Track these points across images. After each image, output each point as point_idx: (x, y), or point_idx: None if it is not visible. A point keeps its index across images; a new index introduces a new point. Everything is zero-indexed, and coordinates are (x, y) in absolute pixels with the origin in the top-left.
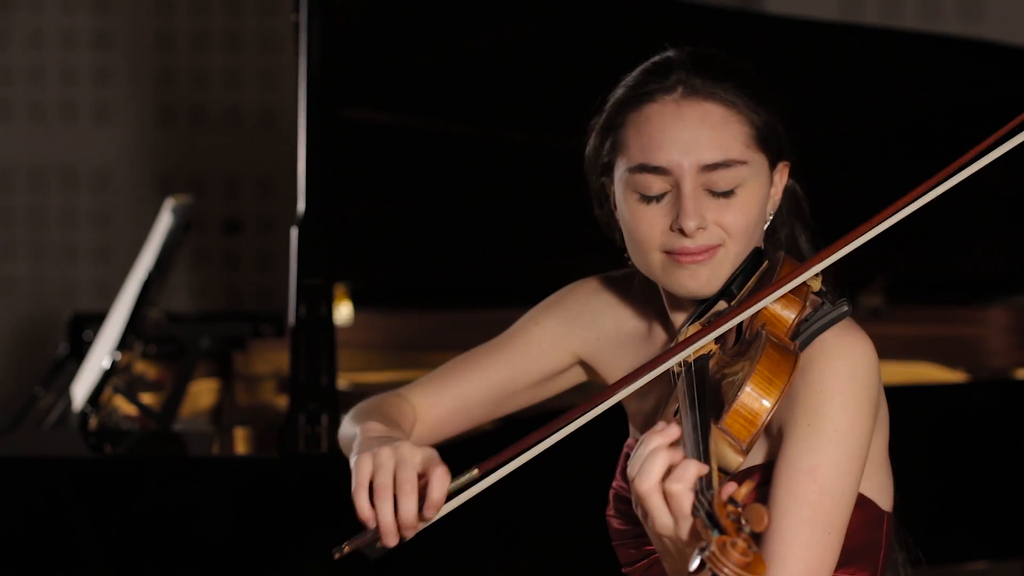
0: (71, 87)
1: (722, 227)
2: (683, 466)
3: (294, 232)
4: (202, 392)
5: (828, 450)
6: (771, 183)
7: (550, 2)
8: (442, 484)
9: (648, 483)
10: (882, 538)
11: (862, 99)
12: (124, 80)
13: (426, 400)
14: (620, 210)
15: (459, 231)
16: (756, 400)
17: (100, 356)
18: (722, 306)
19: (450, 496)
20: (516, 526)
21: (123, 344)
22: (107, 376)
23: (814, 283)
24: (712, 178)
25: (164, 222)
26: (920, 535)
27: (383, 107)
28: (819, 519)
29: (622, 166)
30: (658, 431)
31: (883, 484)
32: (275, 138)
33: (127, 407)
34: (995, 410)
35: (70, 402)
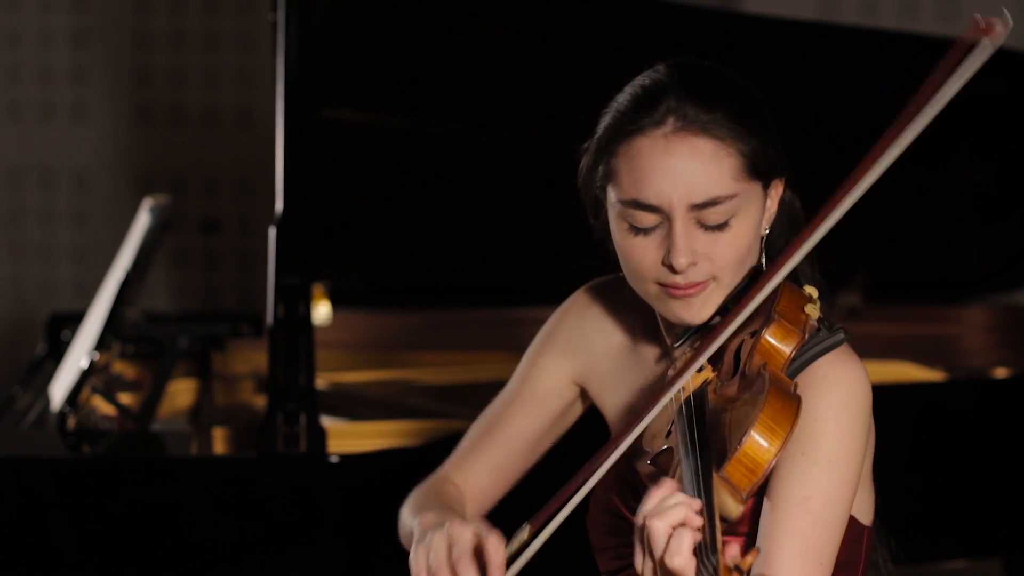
0: (48, 87)
1: (712, 262)
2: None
3: (272, 232)
4: (180, 392)
5: (821, 480)
6: (765, 205)
7: (529, 2)
8: (498, 551)
9: (679, 560)
10: (862, 552)
11: (838, 99)
12: (101, 80)
13: (466, 476)
14: (613, 234)
15: (438, 231)
16: (759, 449)
17: (78, 356)
18: (715, 320)
19: (511, 560)
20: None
21: (101, 344)
22: (85, 376)
23: (812, 312)
24: (703, 214)
25: (142, 222)
26: (898, 534)
27: (361, 106)
28: (811, 550)
29: (614, 195)
30: (683, 502)
31: (865, 500)
32: (253, 138)
33: (105, 407)
34: (973, 409)
35: (48, 402)
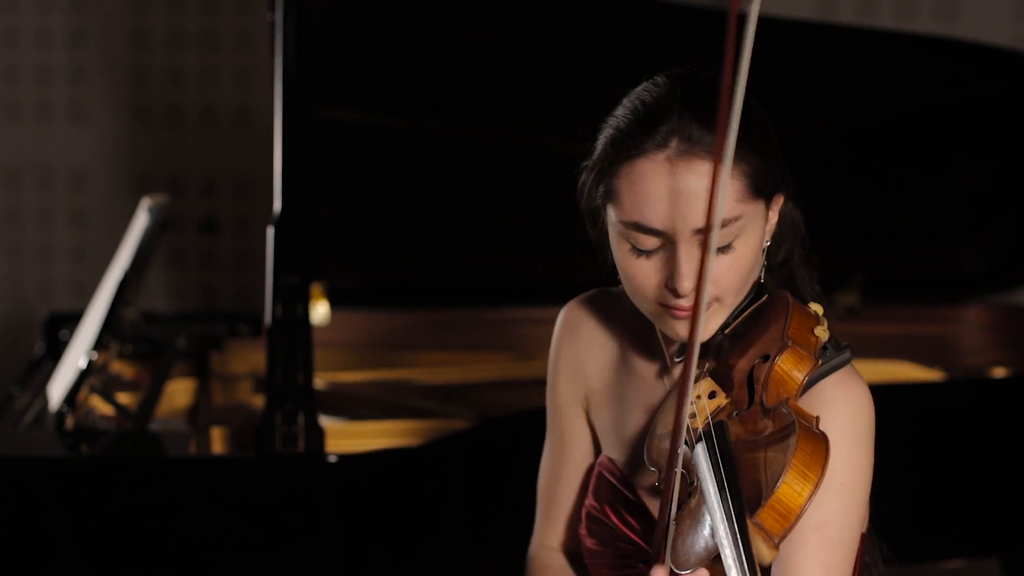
0: (46, 87)
1: (717, 284)
2: None
3: (270, 231)
4: (178, 392)
5: (835, 505)
6: (767, 221)
7: (528, 2)
8: None
9: None
10: (858, 559)
11: (837, 99)
12: (99, 79)
13: (558, 533)
14: (614, 251)
15: (436, 230)
16: (792, 495)
17: (76, 356)
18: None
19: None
20: (495, 527)
21: (99, 344)
22: (83, 376)
23: (822, 335)
24: None
25: (140, 221)
26: (897, 534)
27: (359, 106)
28: (828, 574)
29: (615, 215)
30: None
31: None
32: (251, 137)
33: (103, 407)
34: (971, 409)
35: (46, 402)
